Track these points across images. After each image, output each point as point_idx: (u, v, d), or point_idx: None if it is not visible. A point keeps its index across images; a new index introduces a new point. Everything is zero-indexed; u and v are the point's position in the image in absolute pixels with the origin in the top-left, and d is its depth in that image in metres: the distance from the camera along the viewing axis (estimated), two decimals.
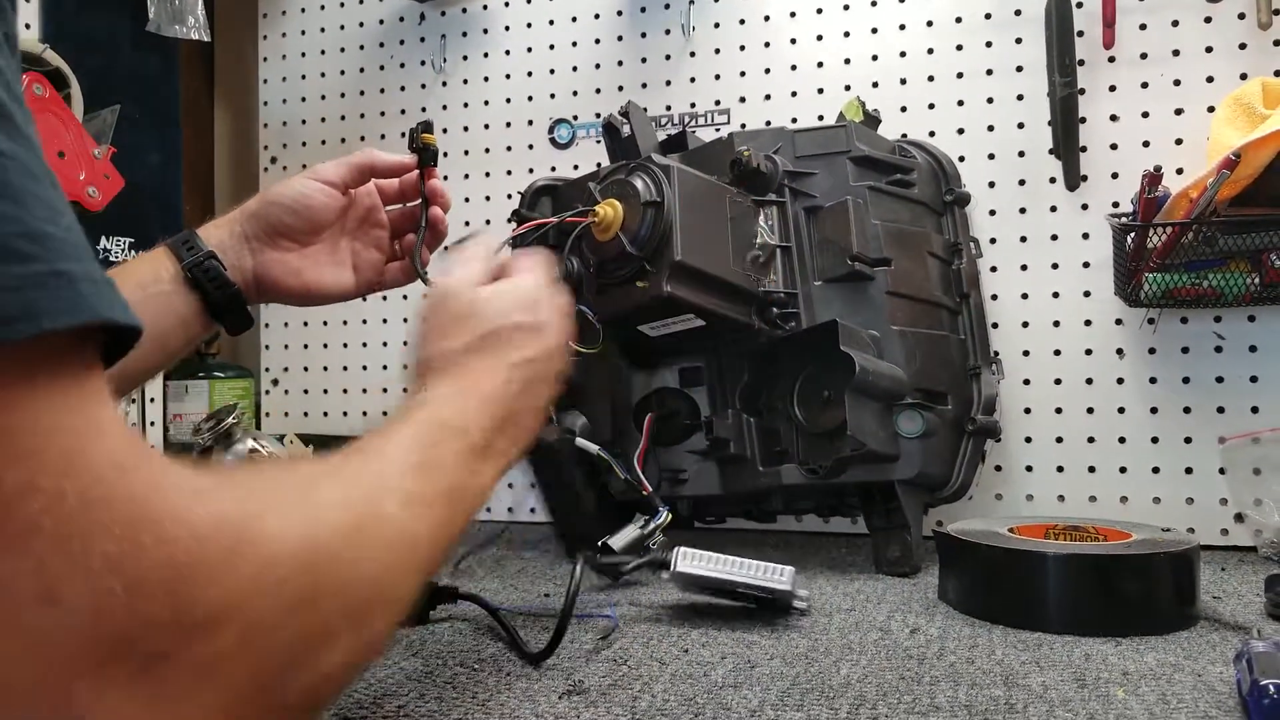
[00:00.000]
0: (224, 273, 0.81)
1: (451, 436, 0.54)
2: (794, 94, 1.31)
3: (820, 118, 1.27)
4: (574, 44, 1.41)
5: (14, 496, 0.28)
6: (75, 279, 0.30)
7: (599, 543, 0.95)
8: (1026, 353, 1.20)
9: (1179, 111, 1.16)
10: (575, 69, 1.41)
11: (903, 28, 1.26)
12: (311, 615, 0.36)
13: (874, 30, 1.28)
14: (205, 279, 0.79)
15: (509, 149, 1.43)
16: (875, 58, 1.27)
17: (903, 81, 1.26)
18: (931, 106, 1.25)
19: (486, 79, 1.45)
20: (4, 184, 0.29)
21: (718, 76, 1.34)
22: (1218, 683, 0.64)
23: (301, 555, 0.36)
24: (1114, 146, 1.18)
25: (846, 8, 1.29)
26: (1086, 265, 1.18)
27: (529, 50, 1.43)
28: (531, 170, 1.41)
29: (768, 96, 1.32)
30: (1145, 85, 1.17)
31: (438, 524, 0.49)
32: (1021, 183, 1.21)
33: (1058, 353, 1.19)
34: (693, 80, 1.35)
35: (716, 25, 1.34)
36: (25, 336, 0.28)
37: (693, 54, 1.36)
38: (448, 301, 0.66)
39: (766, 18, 1.32)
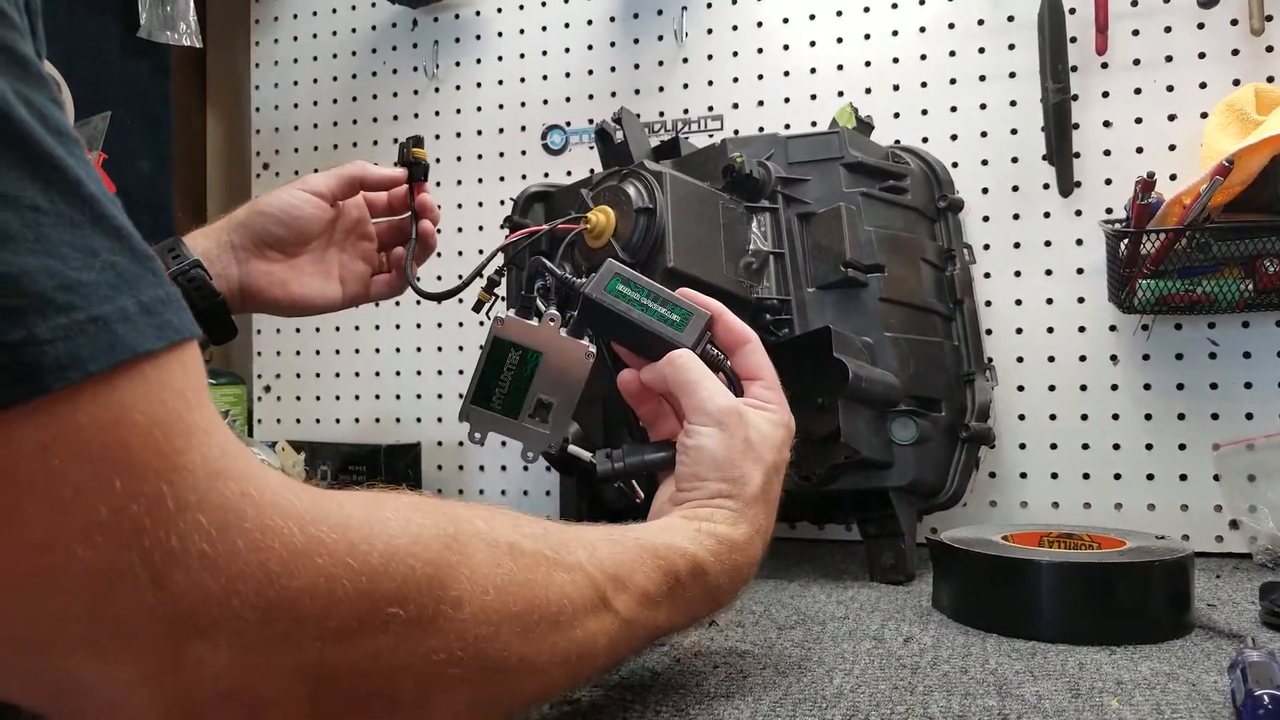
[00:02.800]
0: (209, 282, 0.80)
1: (693, 584, 0.58)
2: (787, 100, 1.30)
3: (813, 124, 1.27)
4: (567, 50, 1.41)
5: (124, 499, 0.33)
6: (109, 321, 0.33)
7: None
8: (1020, 359, 1.20)
9: (1172, 117, 1.16)
10: (568, 75, 1.40)
11: (896, 34, 1.26)
12: (424, 663, 0.40)
13: (867, 36, 1.27)
14: (189, 287, 0.79)
15: (501, 155, 1.43)
16: (868, 64, 1.27)
17: (896, 88, 1.26)
18: (925, 112, 1.25)
19: (479, 85, 1.45)
20: (41, 238, 0.32)
21: (711, 82, 1.34)
22: (1212, 692, 0.64)
23: (424, 603, 0.40)
24: (1107, 152, 1.18)
25: (840, 14, 1.29)
26: (1080, 271, 1.18)
27: (522, 56, 1.43)
28: (524, 176, 1.40)
29: (761, 102, 1.32)
30: (1138, 91, 1.17)
31: (618, 642, 0.52)
32: (1015, 189, 1.21)
33: (1051, 359, 1.19)
34: (686, 86, 1.35)
35: (710, 31, 1.34)
36: (71, 383, 0.32)
37: (686, 60, 1.35)
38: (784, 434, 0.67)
39: (760, 24, 1.32)
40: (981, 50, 1.23)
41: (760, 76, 1.32)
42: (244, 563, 0.35)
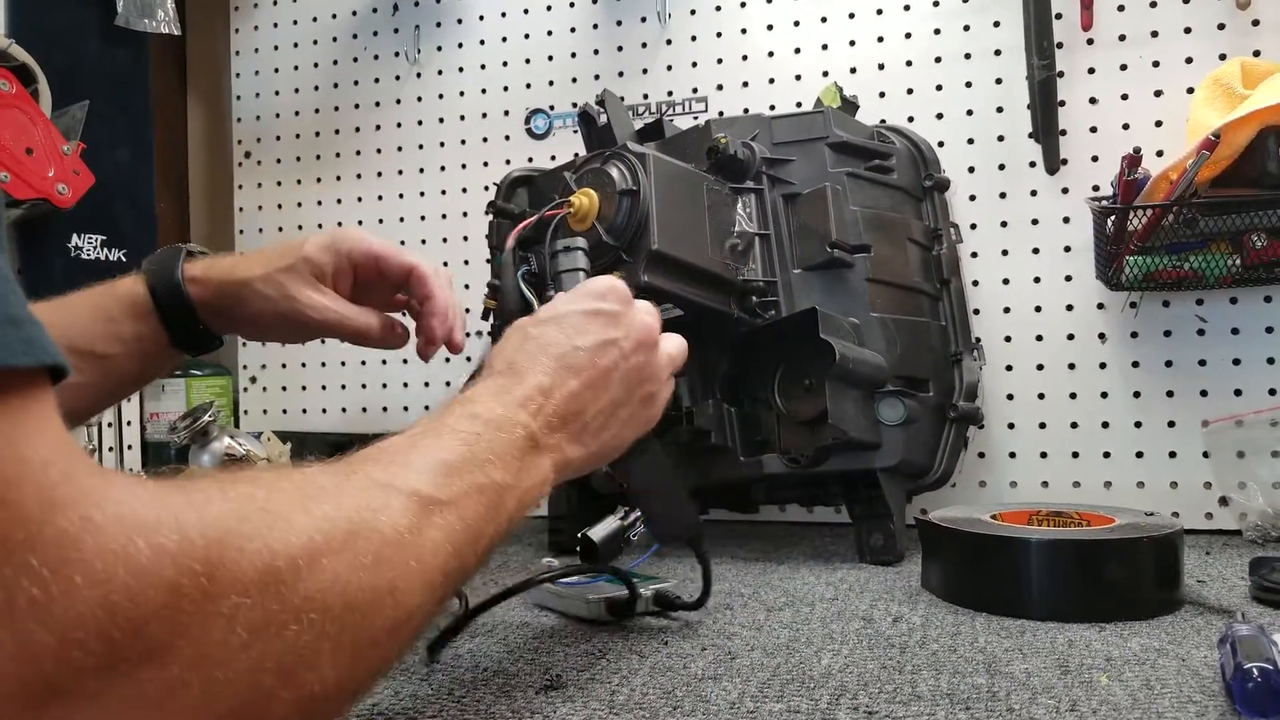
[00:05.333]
0: (190, 305, 0.80)
1: (486, 430, 0.54)
2: (771, 81, 1.29)
3: (798, 104, 1.26)
4: (549, 33, 1.39)
5: None
6: None
7: (579, 534, 0.93)
8: (1008, 338, 1.19)
9: (1158, 93, 1.15)
10: (551, 58, 1.39)
11: (880, 12, 1.25)
12: (277, 639, 0.36)
13: (851, 15, 1.26)
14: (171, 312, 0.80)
15: (485, 140, 1.42)
16: (853, 43, 1.26)
17: (880, 67, 1.25)
18: (910, 91, 1.24)
19: (461, 69, 1.43)
20: None
21: (695, 64, 1.33)
22: (1202, 667, 0.64)
23: (262, 578, 0.35)
24: (1093, 129, 1.17)
25: None
26: (1068, 249, 1.17)
27: (504, 40, 1.41)
28: (508, 161, 1.39)
29: (745, 84, 1.31)
30: (1124, 67, 1.16)
31: (460, 528, 0.48)
32: (1001, 167, 1.20)
33: (1040, 338, 1.18)
34: (669, 68, 1.34)
35: (693, 12, 1.33)
36: None
37: (669, 41, 1.34)
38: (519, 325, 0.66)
39: (743, 4, 1.31)
40: (966, 28, 1.22)
41: (744, 57, 1.31)
42: (82, 603, 0.30)
